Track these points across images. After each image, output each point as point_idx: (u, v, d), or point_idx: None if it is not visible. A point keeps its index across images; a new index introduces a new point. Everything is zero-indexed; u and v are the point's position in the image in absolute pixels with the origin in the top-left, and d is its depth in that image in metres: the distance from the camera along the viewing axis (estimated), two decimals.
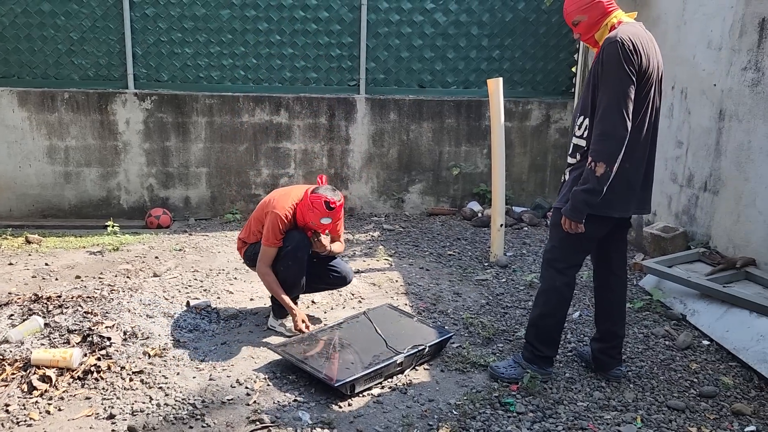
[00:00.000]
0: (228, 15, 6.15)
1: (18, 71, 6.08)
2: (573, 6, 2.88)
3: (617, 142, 2.69)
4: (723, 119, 4.20)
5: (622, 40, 2.69)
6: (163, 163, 6.34)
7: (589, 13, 2.85)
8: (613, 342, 3.16)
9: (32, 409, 2.80)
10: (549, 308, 3.06)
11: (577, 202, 2.78)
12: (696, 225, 4.50)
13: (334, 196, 3.45)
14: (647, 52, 2.75)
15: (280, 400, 2.92)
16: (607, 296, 3.17)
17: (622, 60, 2.67)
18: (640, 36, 2.76)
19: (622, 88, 2.68)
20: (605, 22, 2.85)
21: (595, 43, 2.91)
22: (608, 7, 2.85)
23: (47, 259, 4.98)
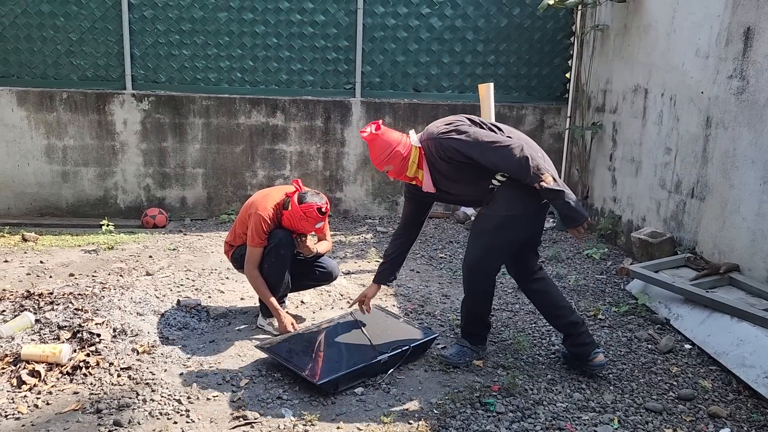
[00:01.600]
0: (225, 18, 6.22)
1: (17, 71, 6.16)
2: (377, 159, 3.17)
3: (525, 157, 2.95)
4: (710, 126, 4.25)
5: (440, 131, 3.07)
6: (160, 164, 6.40)
7: (392, 162, 3.15)
8: (575, 331, 3.27)
9: (21, 403, 2.86)
10: (480, 306, 3.35)
11: (569, 210, 2.99)
12: (683, 231, 4.55)
13: (322, 201, 3.54)
14: (452, 118, 3.17)
15: (264, 398, 2.98)
16: (540, 299, 3.38)
17: (457, 133, 3.03)
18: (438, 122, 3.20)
19: (481, 142, 2.99)
20: (410, 162, 3.14)
21: (411, 179, 3.20)
22: (405, 152, 3.13)
23: (42, 257, 5.04)
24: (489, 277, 3.27)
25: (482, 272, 3.23)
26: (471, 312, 3.37)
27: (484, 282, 3.26)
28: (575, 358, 3.33)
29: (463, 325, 3.44)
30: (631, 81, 5.35)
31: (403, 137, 3.16)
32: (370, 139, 3.14)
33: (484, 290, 3.29)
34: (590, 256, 5.24)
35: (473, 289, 3.29)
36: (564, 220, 3.03)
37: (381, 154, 3.13)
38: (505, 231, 3.12)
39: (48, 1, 6.04)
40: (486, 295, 3.32)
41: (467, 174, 3.09)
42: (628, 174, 5.40)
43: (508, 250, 3.23)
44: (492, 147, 2.98)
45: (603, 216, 5.85)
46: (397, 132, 3.20)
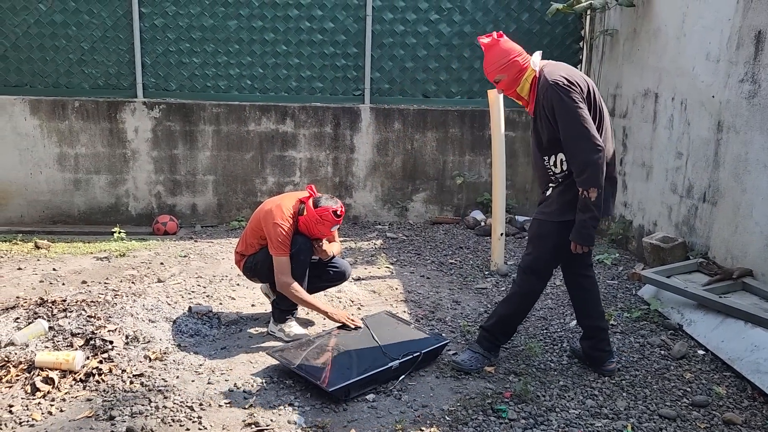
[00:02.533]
0: (235, 26, 6.26)
1: (30, 80, 6.22)
2: (492, 66, 3.13)
3: (597, 165, 2.92)
4: (721, 131, 4.23)
5: (555, 81, 2.97)
6: (171, 171, 6.44)
7: (507, 72, 3.11)
8: (599, 336, 3.36)
9: (35, 410, 2.88)
10: (522, 308, 3.36)
11: (587, 228, 3.01)
12: (695, 235, 4.52)
13: (337, 204, 3.60)
14: (578, 76, 3.05)
15: (276, 404, 2.98)
16: (581, 295, 3.41)
17: (566, 96, 2.95)
18: (565, 69, 3.08)
19: (579, 118, 2.94)
20: (524, 77, 3.10)
21: (518, 97, 3.18)
22: (523, 64, 3.10)
23: (55, 264, 5.08)
24: (544, 279, 3.30)
25: (538, 274, 3.27)
26: (512, 314, 3.35)
27: (539, 283, 3.29)
28: (589, 360, 3.40)
29: (489, 326, 3.38)
30: (641, 85, 5.33)
31: (524, 52, 3.11)
32: (490, 45, 3.09)
33: (535, 291, 3.32)
34: (601, 261, 5.22)
35: (526, 290, 3.30)
36: (576, 233, 3.04)
37: (498, 61, 3.07)
38: (557, 236, 3.14)
39: (60, 11, 6.10)
40: (533, 300, 3.35)
41: (543, 129, 3.08)
42: (639, 179, 5.37)
43: (561, 253, 3.22)
44: (579, 130, 2.93)
45: (614, 221, 5.83)
46: (516, 44, 3.15)
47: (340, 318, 3.64)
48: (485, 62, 3.16)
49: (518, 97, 3.18)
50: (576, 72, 3.10)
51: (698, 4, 4.51)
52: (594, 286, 3.40)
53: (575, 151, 2.96)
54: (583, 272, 3.39)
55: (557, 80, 2.96)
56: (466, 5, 6.36)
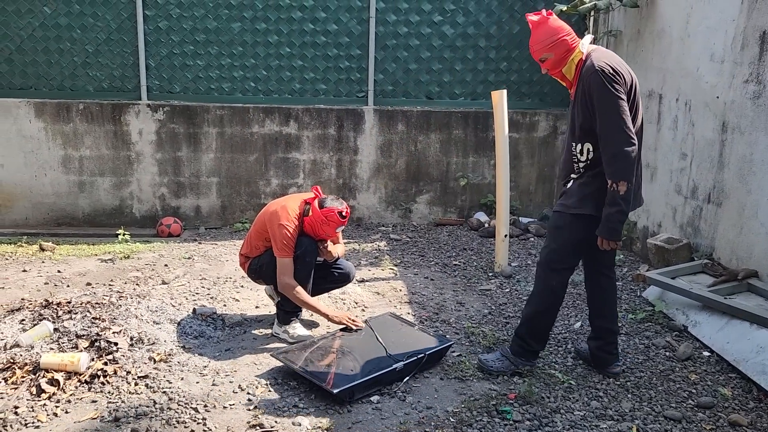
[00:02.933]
0: (239, 28, 6.28)
1: (35, 83, 6.24)
2: (539, 45, 3.04)
3: (630, 159, 2.89)
4: (726, 131, 4.22)
5: (601, 68, 2.90)
6: (175, 173, 6.46)
7: (555, 51, 3.02)
8: (608, 338, 3.34)
9: (40, 412, 2.89)
10: (544, 307, 3.25)
11: (614, 223, 2.95)
12: (700, 236, 4.51)
13: (343, 205, 3.60)
14: (624, 68, 2.98)
15: (280, 406, 2.98)
16: (598, 295, 3.36)
17: (608, 85, 2.88)
18: (615, 58, 3.02)
19: (618, 109, 2.88)
20: (571, 58, 3.03)
21: (563, 77, 3.12)
22: (572, 43, 3.04)
23: (60, 266, 5.09)
24: (561, 274, 3.20)
25: (555, 268, 3.18)
26: (535, 314, 3.25)
27: (555, 279, 3.19)
28: (595, 360, 3.39)
29: (519, 330, 3.31)
30: (645, 86, 5.32)
31: (572, 32, 3.05)
32: (539, 22, 3.01)
33: (552, 288, 3.20)
34: None
35: (541, 287, 3.23)
36: (604, 227, 2.98)
37: (547, 38, 2.99)
38: (575, 229, 3.10)
39: (65, 14, 6.13)
40: (555, 296, 3.22)
41: (579, 114, 3.03)
42: (644, 180, 5.31)
43: (580, 248, 3.19)
44: (615, 121, 2.87)
45: None
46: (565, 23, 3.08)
47: (341, 320, 3.64)
48: (532, 40, 3.05)
49: (562, 77, 3.11)
50: (623, 63, 3.02)
51: (702, 4, 4.50)
52: (612, 287, 3.36)
53: (609, 141, 2.90)
54: (604, 271, 3.33)
55: (603, 67, 2.88)
56: (469, 7, 6.36)
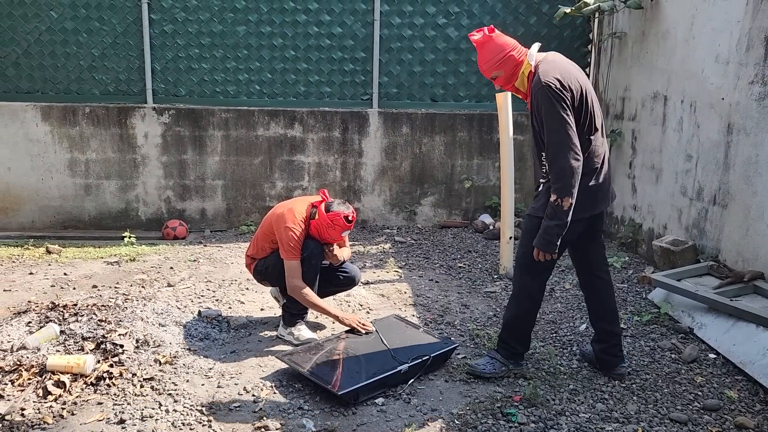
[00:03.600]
0: (244, 31, 6.30)
1: (42, 87, 6.29)
2: (487, 63, 3.06)
3: (574, 175, 2.90)
4: (731, 133, 4.21)
5: (547, 83, 2.89)
6: (180, 176, 6.48)
7: (504, 67, 3.04)
8: (612, 340, 3.33)
9: (46, 413, 2.90)
10: (522, 311, 3.26)
11: (551, 236, 2.97)
12: (705, 238, 4.49)
13: (349, 210, 3.60)
14: (572, 77, 2.96)
15: (285, 408, 2.99)
16: (595, 298, 3.36)
17: (554, 101, 2.88)
18: (561, 67, 2.99)
19: (563, 125, 2.89)
20: (521, 71, 3.03)
21: (517, 90, 3.12)
22: (519, 57, 3.04)
23: (66, 269, 5.12)
24: (536, 278, 3.19)
25: (529, 271, 3.18)
26: (513, 318, 3.26)
27: (532, 283, 3.20)
28: (600, 363, 3.38)
29: (501, 334, 3.35)
30: (650, 88, 5.32)
31: (518, 44, 3.06)
32: (482, 41, 3.01)
33: (529, 292, 3.21)
34: (611, 265, 5.18)
35: (518, 288, 3.24)
36: (540, 239, 3.01)
37: (493, 57, 3.00)
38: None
39: (71, 18, 6.17)
40: (532, 299, 3.23)
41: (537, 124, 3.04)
42: (649, 181, 5.35)
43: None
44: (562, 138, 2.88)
45: (623, 224, 5.80)
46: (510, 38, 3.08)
47: (350, 322, 3.65)
48: (480, 59, 3.06)
49: (517, 91, 3.12)
50: (572, 70, 3.01)
51: (707, 6, 4.49)
52: (608, 288, 3.34)
53: (555, 157, 2.91)
54: (597, 273, 3.33)
55: (550, 82, 2.88)
56: (473, 9, 6.37)
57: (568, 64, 3.07)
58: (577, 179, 2.90)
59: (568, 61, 3.11)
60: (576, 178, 2.90)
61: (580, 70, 3.11)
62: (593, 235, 3.28)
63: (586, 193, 3.03)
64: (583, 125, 3.00)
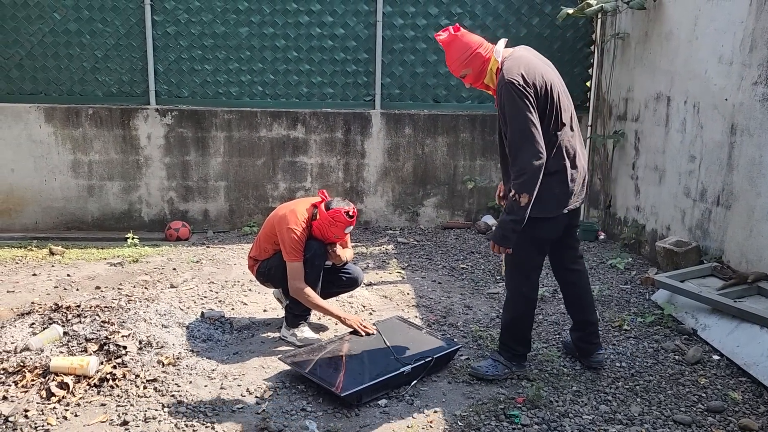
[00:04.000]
0: (247, 33, 6.31)
1: (45, 88, 6.30)
2: (456, 62, 3.07)
3: (535, 173, 2.89)
4: (735, 134, 4.20)
5: (510, 80, 2.88)
6: (183, 177, 6.49)
7: (472, 65, 3.05)
8: (588, 329, 3.42)
9: (50, 415, 2.90)
10: (518, 312, 3.28)
11: (507, 230, 3.01)
12: (709, 239, 4.48)
13: (349, 205, 3.60)
14: (537, 73, 2.95)
15: (288, 409, 2.98)
16: (570, 290, 3.44)
17: (517, 98, 2.87)
18: (526, 63, 2.96)
19: (526, 123, 2.87)
20: (489, 68, 3.03)
21: (487, 87, 3.12)
22: (486, 54, 3.04)
23: (69, 270, 5.12)
24: (528, 277, 3.22)
25: (519, 270, 3.21)
26: (511, 320, 3.28)
27: (523, 283, 3.22)
28: (578, 351, 3.48)
29: (501, 337, 3.35)
30: (653, 89, 5.31)
31: (484, 41, 3.06)
32: (448, 41, 3.02)
33: (523, 293, 3.23)
34: (614, 266, 5.19)
35: (512, 289, 3.27)
36: (496, 233, 3.06)
37: (461, 56, 3.01)
38: (534, 230, 3.08)
39: (74, 20, 6.18)
40: (526, 299, 3.25)
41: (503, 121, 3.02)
42: (652, 182, 5.34)
43: (540, 247, 3.20)
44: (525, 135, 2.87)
45: (626, 225, 5.79)
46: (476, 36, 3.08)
47: (353, 323, 3.65)
48: (447, 58, 3.06)
49: (487, 87, 3.11)
50: (538, 65, 2.99)
51: (710, 6, 4.49)
52: (583, 279, 3.40)
53: (517, 154, 2.91)
54: (570, 266, 3.39)
55: (513, 79, 2.87)
56: (476, 10, 6.37)
57: (535, 58, 3.06)
58: (537, 177, 2.89)
59: (536, 56, 3.10)
60: (536, 175, 2.89)
61: (547, 65, 3.10)
62: (568, 231, 3.30)
63: (561, 189, 3.05)
64: (549, 121, 2.98)
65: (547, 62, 3.13)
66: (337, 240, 3.68)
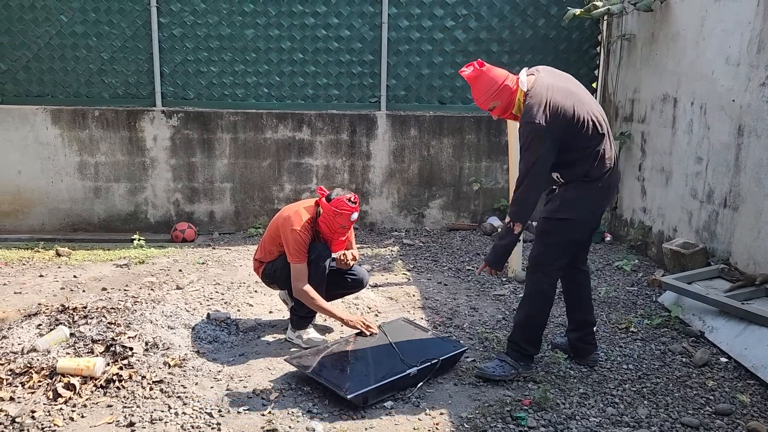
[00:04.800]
0: (252, 34, 6.32)
1: (52, 90, 6.33)
2: (483, 96, 3.12)
3: (530, 206, 3.09)
4: (742, 135, 4.18)
5: (529, 121, 2.95)
6: (189, 179, 6.50)
7: (500, 98, 3.10)
8: (586, 329, 3.47)
9: (56, 416, 2.91)
10: (537, 310, 3.31)
11: (498, 255, 3.22)
12: (716, 241, 4.46)
13: (349, 193, 3.60)
14: (560, 105, 2.98)
15: (294, 411, 2.98)
16: (574, 289, 3.49)
17: (536, 139, 2.97)
18: (549, 97, 2.99)
19: (539, 161, 3.00)
20: (516, 98, 3.09)
21: (516, 117, 3.16)
22: (513, 87, 3.09)
23: (76, 271, 5.14)
24: (551, 277, 3.26)
25: (543, 269, 3.24)
26: (527, 318, 3.28)
27: (544, 279, 3.24)
28: (574, 351, 3.51)
29: (512, 336, 3.36)
30: (659, 90, 5.29)
31: (508, 74, 3.12)
32: (474, 76, 3.07)
33: (543, 290, 3.25)
34: (621, 268, 5.17)
35: (532, 289, 3.28)
36: (490, 255, 3.24)
37: (488, 90, 3.07)
38: (562, 232, 3.17)
39: (81, 22, 6.20)
40: (545, 298, 3.27)
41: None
42: (658, 184, 5.32)
43: (567, 249, 3.24)
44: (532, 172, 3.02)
45: (633, 227, 5.77)
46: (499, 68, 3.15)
47: (356, 324, 3.64)
48: (475, 93, 3.13)
49: (516, 117, 3.17)
50: (561, 92, 3.01)
51: (717, 7, 4.47)
52: (586, 280, 3.47)
53: (521, 186, 3.06)
54: (579, 266, 3.44)
55: (531, 120, 2.95)
56: (481, 12, 6.36)
57: (558, 83, 3.07)
58: (530, 209, 3.09)
59: (558, 78, 3.13)
60: (530, 208, 3.09)
61: (571, 83, 3.14)
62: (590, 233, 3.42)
63: (600, 193, 3.18)
64: (586, 139, 3.06)
65: (568, 79, 3.18)
66: (344, 231, 3.67)
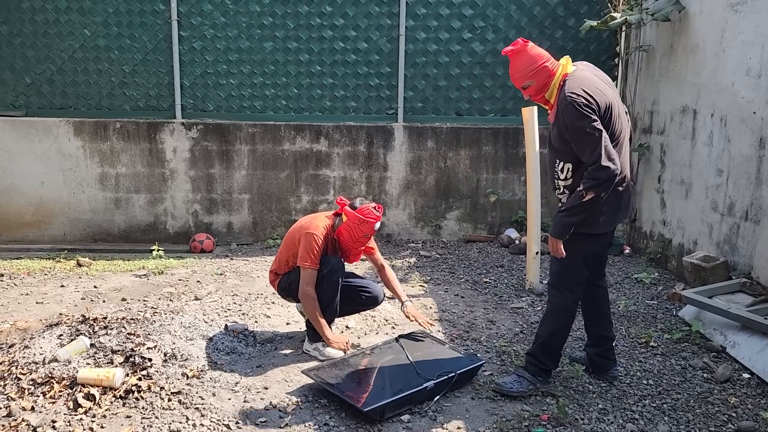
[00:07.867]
0: (271, 47, 6.39)
1: (74, 102, 6.44)
2: (520, 72, 3.09)
3: (610, 182, 2.94)
4: (763, 147, 4.13)
5: (574, 101, 2.91)
6: (208, 190, 6.56)
7: (537, 78, 3.07)
8: (605, 345, 3.45)
9: (77, 426, 2.94)
10: (560, 325, 3.29)
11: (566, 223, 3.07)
12: (738, 255, 4.40)
13: (372, 203, 3.65)
14: (599, 91, 2.97)
15: (311, 423, 2.99)
16: (592, 305, 3.46)
17: (583, 117, 2.90)
18: (587, 81, 3.00)
19: (596, 137, 2.91)
20: (552, 82, 3.06)
21: (546, 102, 3.15)
22: (552, 69, 3.07)
23: (96, 281, 5.20)
24: (573, 291, 3.23)
25: (565, 285, 3.22)
26: (551, 333, 3.26)
27: (569, 296, 3.22)
28: (593, 366, 3.48)
29: (533, 350, 3.33)
30: (678, 101, 5.25)
31: (550, 56, 3.09)
32: (518, 50, 3.04)
33: (568, 306, 3.23)
34: (640, 281, 5.11)
35: (557, 305, 3.26)
36: (556, 225, 3.09)
37: (527, 67, 3.03)
38: (585, 246, 3.14)
39: (103, 36, 6.32)
40: (569, 314, 3.25)
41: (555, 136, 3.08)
42: (678, 196, 5.27)
43: (587, 262, 3.22)
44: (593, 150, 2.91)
45: (652, 239, 5.71)
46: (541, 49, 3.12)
47: (339, 345, 3.63)
48: (512, 68, 3.10)
49: (545, 102, 3.16)
50: (599, 85, 3.02)
51: (737, 19, 4.43)
52: (605, 295, 3.46)
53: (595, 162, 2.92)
54: (597, 282, 3.41)
55: (575, 99, 2.91)
56: (499, 23, 6.38)
57: (595, 77, 3.09)
58: (610, 184, 2.94)
59: (596, 74, 3.14)
60: (610, 183, 2.94)
61: (607, 83, 3.14)
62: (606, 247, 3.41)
63: (613, 206, 3.12)
64: (612, 136, 3.02)
65: (606, 80, 3.17)
66: (366, 239, 3.67)
